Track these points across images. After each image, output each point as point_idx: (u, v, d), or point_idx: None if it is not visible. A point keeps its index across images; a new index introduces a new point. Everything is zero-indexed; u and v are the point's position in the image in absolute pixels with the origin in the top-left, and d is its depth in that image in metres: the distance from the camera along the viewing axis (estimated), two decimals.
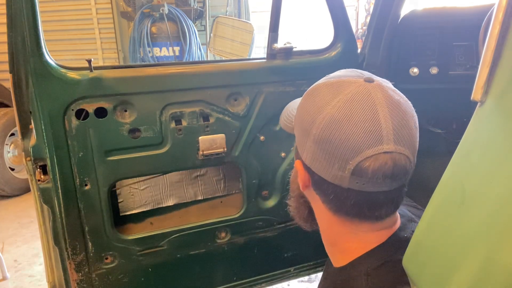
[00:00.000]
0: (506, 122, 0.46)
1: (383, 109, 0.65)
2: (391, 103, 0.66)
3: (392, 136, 0.64)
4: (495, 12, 0.47)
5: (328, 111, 0.67)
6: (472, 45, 1.43)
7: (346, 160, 0.65)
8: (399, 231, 0.75)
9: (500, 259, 0.41)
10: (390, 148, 0.63)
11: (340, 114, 0.65)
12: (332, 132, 0.65)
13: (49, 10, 5.23)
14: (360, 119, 0.64)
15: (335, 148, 0.65)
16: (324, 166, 0.68)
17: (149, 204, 1.44)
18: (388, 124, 0.64)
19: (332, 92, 0.69)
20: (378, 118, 0.64)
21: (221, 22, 2.32)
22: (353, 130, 0.64)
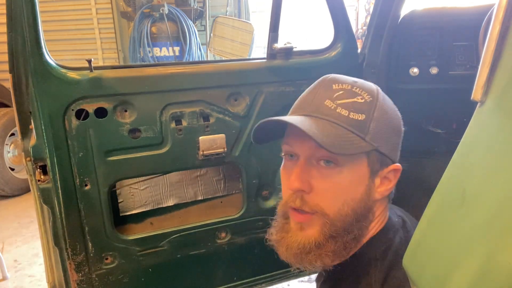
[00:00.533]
0: (506, 122, 0.46)
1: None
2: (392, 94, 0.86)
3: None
4: (495, 12, 0.47)
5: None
6: (472, 45, 1.42)
7: (401, 133, 0.80)
8: (390, 216, 0.81)
9: (500, 259, 0.41)
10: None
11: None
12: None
13: (49, 10, 5.23)
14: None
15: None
16: (397, 149, 0.79)
17: (149, 204, 1.44)
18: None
19: (382, 94, 0.80)
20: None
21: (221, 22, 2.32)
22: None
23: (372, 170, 0.73)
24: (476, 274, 0.44)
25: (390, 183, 0.76)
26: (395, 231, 0.77)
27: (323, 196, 0.72)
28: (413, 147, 1.74)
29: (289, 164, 0.77)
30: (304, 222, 0.74)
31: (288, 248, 0.75)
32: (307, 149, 0.72)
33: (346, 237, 0.73)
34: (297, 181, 0.71)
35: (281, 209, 0.79)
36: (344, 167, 0.71)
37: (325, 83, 0.76)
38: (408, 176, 1.67)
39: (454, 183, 0.53)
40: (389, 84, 1.48)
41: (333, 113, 0.71)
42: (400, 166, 0.77)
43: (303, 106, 0.76)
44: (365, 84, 0.76)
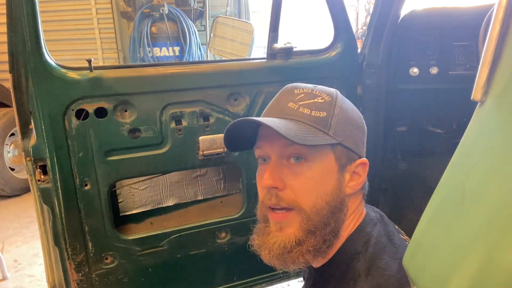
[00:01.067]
0: (506, 122, 0.46)
1: None
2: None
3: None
4: (495, 12, 0.47)
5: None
6: (472, 45, 1.43)
7: (364, 131, 0.84)
8: (368, 212, 0.84)
9: (500, 259, 0.41)
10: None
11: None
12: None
13: (49, 10, 5.23)
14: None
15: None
16: (363, 145, 0.83)
17: (149, 204, 1.44)
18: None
19: (341, 95, 0.82)
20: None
21: (221, 22, 2.32)
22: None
23: (340, 165, 0.77)
24: (476, 274, 0.44)
25: (359, 177, 0.80)
26: (373, 224, 0.81)
27: (297, 191, 0.74)
28: (413, 147, 1.74)
29: (262, 167, 0.82)
30: (283, 221, 0.76)
31: (270, 251, 0.76)
32: (276, 148, 0.76)
33: (324, 230, 0.75)
34: (269, 178, 0.75)
35: (260, 212, 0.83)
36: (313, 162, 0.74)
37: (287, 89, 0.81)
38: (408, 176, 1.67)
39: (454, 183, 0.53)
40: (389, 84, 1.48)
41: (296, 112, 0.76)
42: (366, 161, 0.80)
43: (269, 111, 0.81)
44: (324, 88, 0.81)
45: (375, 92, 1.46)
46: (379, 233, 0.79)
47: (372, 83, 1.46)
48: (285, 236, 0.75)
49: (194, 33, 4.54)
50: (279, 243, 0.75)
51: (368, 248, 0.76)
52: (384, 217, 0.85)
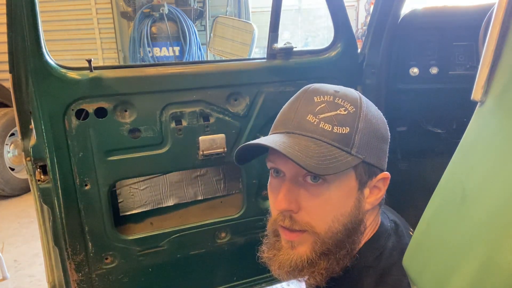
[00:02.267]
0: (506, 122, 0.46)
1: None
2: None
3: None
4: (495, 12, 0.47)
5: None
6: (472, 45, 1.43)
7: (388, 139, 0.77)
8: (382, 222, 0.80)
9: (500, 259, 0.41)
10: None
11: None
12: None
13: (49, 10, 5.22)
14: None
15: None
16: (385, 157, 0.77)
17: (149, 204, 1.45)
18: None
19: (366, 101, 0.75)
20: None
21: (221, 22, 2.31)
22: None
23: (360, 182, 0.71)
24: (476, 274, 0.44)
25: (379, 192, 0.75)
26: (387, 236, 0.77)
27: (313, 214, 0.70)
28: (413, 147, 1.74)
29: (275, 182, 0.76)
30: (295, 240, 0.73)
31: (281, 267, 0.73)
32: (292, 167, 0.71)
33: (339, 253, 0.71)
34: (284, 201, 0.70)
35: (271, 227, 0.78)
36: (332, 183, 0.69)
37: (306, 95, 0.73)
38: (408, 176, 1.67)
39: (454, 183, 0.53)
40: (389, 84, 1.48)
41: (316, 129, 0.69)
42: (388, 175, 0.75)
43: (285, 122, 0.74)
44: (347, 93, 0.73)
45: (375, 92, 1.46)
46: (393, 246, 0.75)
47: (372, 83, 1.46)
48: (297, 255, 0.72)
49: (194, 33, 4.54)
50: (290, 261, 0.72)
51: (379, 263, 0.73)
52: (399, 226, 0.80)
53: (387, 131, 0.77)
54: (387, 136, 0.76)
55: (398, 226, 0.80)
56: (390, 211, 0.88)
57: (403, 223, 0.83)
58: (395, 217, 0.83)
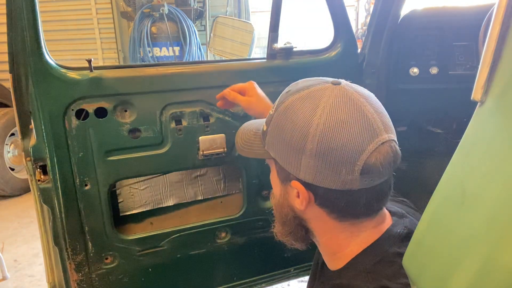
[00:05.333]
0: (506, 122, 0.46)
1: (365, 104, 0.69)
2: (366, 97, 0.70)
3: (382, 126, 0.68)
4: (495, 12, 0.47)
5: (317, 122, 0.67)
6: (472, 45, 1.43)
7: (352, 162, 0.66)
8: (392, 227, 0.78)
9: (500, 259, 0.41)
10: (385, 138, 0.68)
11: (331, 121, 0.66)
12: (330, 140, 0.66)
13: (49, 10, 5.23)
14: (351, 120, 0.66)
15: (338, 155, 0.66)
16: (330, 176, 0.68)
17: (149, 204, 1.45)
18: (375, 116, 0.68)
19: (310, 103, 0.69)
20: (365, 114, 0.67)
21: (221, 22, 2.32)
22: (350, 132, 0.66)
23: (280, 178, 0.79)
24: (476, 274, 0.44)
25: (299, 199, 0.74)
26: (392, 243, 0.75)
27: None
28: (413, 147, 1.74)
29: None
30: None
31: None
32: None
33: (285, 226, 0.82)
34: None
35: None
36: (271, 167, 0.83)
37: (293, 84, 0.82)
38: (408, 176, 1.67)
39: (454, 183, 0.53)
40: (389, 84, 1.49)
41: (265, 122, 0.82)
42: (297, 184, 0.71)
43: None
44: (288, 96, 0.75)
45: (375, 92, 1.45)
46: (395, 253, 0.73)
47: (372, 83, 1.46)
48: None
49: (194, 33, 4.54)
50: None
51: (379, 269, 0.72)
52: (411, 235, 0.76)
53: (301, 142, 0.68)
54: (298, 147, 0.69)
55: (410, 234, 0.78)
56: (416, 216, 0.85)
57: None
58: (413, 225, 0.80)
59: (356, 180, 0.67)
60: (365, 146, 0.66)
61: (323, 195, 0.71)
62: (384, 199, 0.74)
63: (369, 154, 0.66)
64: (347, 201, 0.70)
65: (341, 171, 0.66)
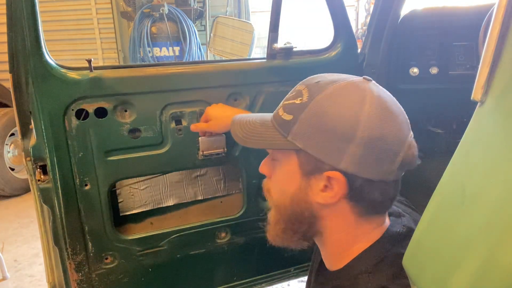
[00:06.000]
0: (506, 122, 0.46)
1: (396, 100, 0.74)
2: (392, 94, 0.76)
3: (409, 122, 0.73)
4: (495, 12, 0.47)
5: (368, 110, 0.68)
6: (472, 45, 1.43)
7: (396, 153, 0.69)
8: (391, 227, 0.78)
9: (500, 259, 0.41)
10: (411, 134, 0.73)
11: (381, 111, 0.69)
12: (381, 129, 0.67)
13: (49, 10, 5.23)
14: (396, 111, 0.71)
15: (386, 144, 0.68)
16: (373, 166, 0.69)
17: (149, 204, 1.44)
18: (404, 112, 0.73)
19: (356, 93, 0.70)
20: (402, 109, 0.73)
21: (221, 22, 2.32)
22: (397, 122, 0.69)
23: (303, 170, 0.74)
24: (476, 274, 0.44)
25: (332, 191, 0.72)
26: (393, 243, 0.75)
27: (272, 181, 0.84)
28: None
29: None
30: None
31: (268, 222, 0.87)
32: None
33: (294, 225, 0.79)
34: (260, 166, 0.88)
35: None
36: (279, 161, 0.79)
37: (304, 80, 0.81)
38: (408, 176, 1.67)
39: (454, 183, 0.53)
40: (389, 84, 1.48)
41: (276, 113, 0.79)
42: (338, 175, 0.69)
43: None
44: (321, 86, 0.73)
45: None
46: (396, 253, 0.73)
47: None
48: (270, 216, 0.86)
49: (194, 33, 4.55)
50: (270, 217, 0.86)
51: (381, 269, 0.72)
52: (411, 233, 0.75)
53: (349, 130, 0.68)
54: (348, 135, 0.68)
55: (411, 233, 0.76)
56: (412, 215, 0.86)
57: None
58: (411, 223, 0.81)
59: (394, 171, 0.70)
60: (406, 138, 0.70)
61: (359, 186, 0.70)
62: (397, 195, 0.76)
63: (408, 146, 0.70)
64: (379, 194, 0.72)
65: (385, 162, 0.68)
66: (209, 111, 1.21)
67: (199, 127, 1.23)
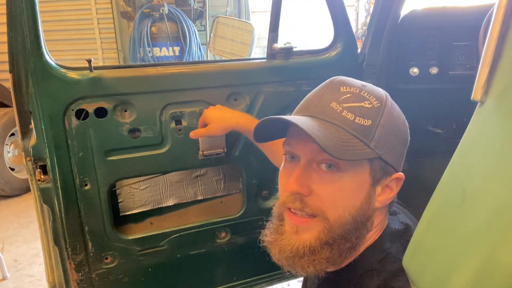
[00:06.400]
0: (506, 122, 0.46)
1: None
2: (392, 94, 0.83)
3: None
4: (495, 12, 0.47)
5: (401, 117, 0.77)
6: (472, 45, 1.43)
7: (407, 143, 0.77)
8: (389, 224, 0.79)
9: (500, 259, 0.41)
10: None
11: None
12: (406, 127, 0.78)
13: (49, 10, 5.23)
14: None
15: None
16: (402, 159, 0.76)
17: (149, 204, 1.44)
18: None
19: (391, 100, 0.76)
20: None
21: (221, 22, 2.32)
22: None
23: (374, 178, 0.71)
24: (476, 274, 0.44)
25: (391, 192, 0.74)
26: (393, 239, 0.76)
27: (324, 200, 0.69)
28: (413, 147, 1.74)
29: (289, 165, 0.75)
30: (300, 226, 0.72)
31: (281, 251, 0.72)
32: (308, 152, 0.70)
33: (343, 245, 0.71)
34: (295, 183, 0.69)
35: (277, 210, 0.77)
36: (345, 172, 0.69)
37: (333, 84, 0.73)
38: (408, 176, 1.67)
39: (454, 183, 0.53)
40: (389, 84, 1.48)
41: (339, 116, 0.68)
42: (403, 176, 0.74)
43: (308, 106, 0.73)
44: (374, 88, 0.74)
45: None
46: (397, 250, 0.73)
47: (372, 83, 1.46)
48: (299, 241, 0.71)
49: (194, 33, 4.54)
50: (292, 246, 0.71)
51: (384, 266, 0.72)
52: (410, 229, 0.78)
53: (408, 135, 0.76)
54: (407, 139, 0.76)
55: (408, 229, 0.78)
56: (404, 213, 0.86)
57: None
58: (407, 220, 0.81)
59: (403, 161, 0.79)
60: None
61: (399, 181, 0.76)
62: None
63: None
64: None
65: (404, 152, 0.77)
66: (207, 113, 1.19)
67: (198, 134, 1.20)
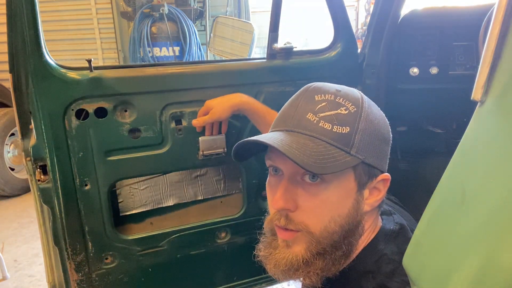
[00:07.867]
0: (506, 122, 0.46)
1: None
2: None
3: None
4: (495, 12, 0.47)
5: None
6: (472, 45, 1.43)
7: (389, 141, 0.77)
8: (384, 225, 0.79)
9: (500, 259, 0.41)
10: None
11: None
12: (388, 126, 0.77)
13: (49, 10, 5.23)
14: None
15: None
16: (386, 158, 0.76)
17: (149, 204, 1.44)
18: None
19: (368, 101, 0.75)
20: None
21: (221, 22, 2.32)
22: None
23: (359, 183, 0.70)
24: (476, 274, 0.44)
25: (379, 193, 0.74)
26: (388, 240, 0.75)
27: (309, 214, 0.70)
28: (413, 147, 1.74)
29: (273, 180, 0.75)
30: (289, 240, 0.72)
31: (276, 265, 0.73)
32: (290, 167, 0.70)
33: (335, 254, 0.71)
34: (281, 200, 0.69)
35: (268, 225, 0.77)
36: (330, 183, 0.68)
37: (307, 93, 0.72)
38: (408, 176, 1.67)
39: (454, 183, 0.53)
40: (389, 84, 1.48)
41: (316, 127, 0.68)
42: (388, 176, 0.74)
43: (285, 120, 0.72)
44: (349, 92, 0.72)
45: (375, 92, 1.46)
46: (392, 251, 0.73)
47: (372, 83, 1.46)
48: (292, 254, 0.72)
49: (194, 33, 4.54)
50: (286, 260, 0.72)
51: (380, 268, 0.71)
52: (405, 230, 0.77)
53: (389, 132, 0.76)
54: (388, 137, 0.75)
55: (403, 229, 0.77)
56: (400, 212, 0.86)
57: (414, 225, 0.81)
58: (402, 220, 0.81)
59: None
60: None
61: (386, 182, 0.76)
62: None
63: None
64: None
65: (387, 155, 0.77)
66: (207, 102, 1.22)
67: (201, 121, 1.21)
